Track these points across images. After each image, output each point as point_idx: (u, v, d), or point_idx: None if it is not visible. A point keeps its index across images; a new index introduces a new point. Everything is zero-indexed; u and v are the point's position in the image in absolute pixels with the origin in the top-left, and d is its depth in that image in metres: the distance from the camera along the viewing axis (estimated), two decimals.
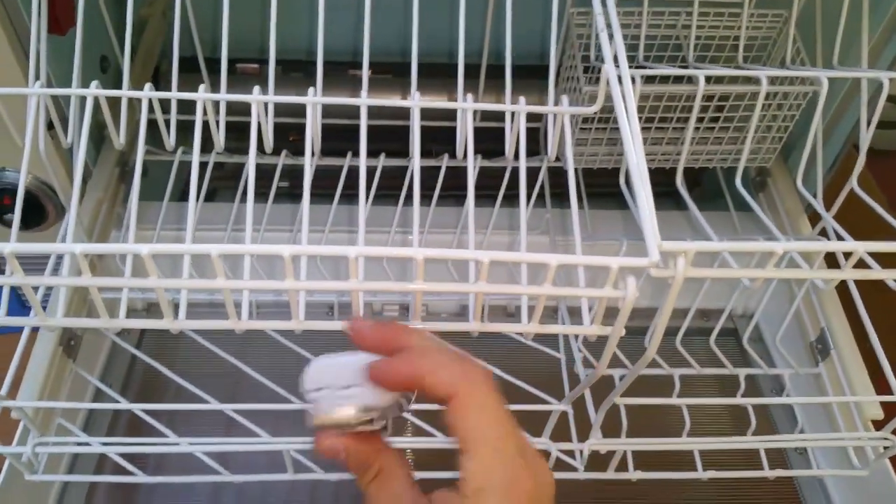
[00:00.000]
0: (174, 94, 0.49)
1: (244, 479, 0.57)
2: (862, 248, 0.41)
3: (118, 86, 0.72)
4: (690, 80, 0.66)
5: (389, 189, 0.73)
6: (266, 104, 0.50)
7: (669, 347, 0.72)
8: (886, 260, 0.43)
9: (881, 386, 0.59)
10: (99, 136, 0.73)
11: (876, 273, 0.42)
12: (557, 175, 0.76)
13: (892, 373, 0.56)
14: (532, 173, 0.75)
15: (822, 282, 0.43)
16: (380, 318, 0.81)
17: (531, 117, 0.53)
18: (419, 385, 0.35)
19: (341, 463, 0.37)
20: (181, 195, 0.84)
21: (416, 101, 0.49)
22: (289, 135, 0.89)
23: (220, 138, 0.52)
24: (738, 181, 0.57)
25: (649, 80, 0.67)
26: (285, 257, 0.36)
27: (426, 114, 0.50)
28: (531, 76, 0.75)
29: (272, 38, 0.52)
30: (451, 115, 0.51)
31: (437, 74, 0.75)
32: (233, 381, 0.73)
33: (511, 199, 0.74)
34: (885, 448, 0.58)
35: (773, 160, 0.75)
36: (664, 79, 0.66)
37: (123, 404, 0.56)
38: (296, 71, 0.83)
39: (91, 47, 0.69)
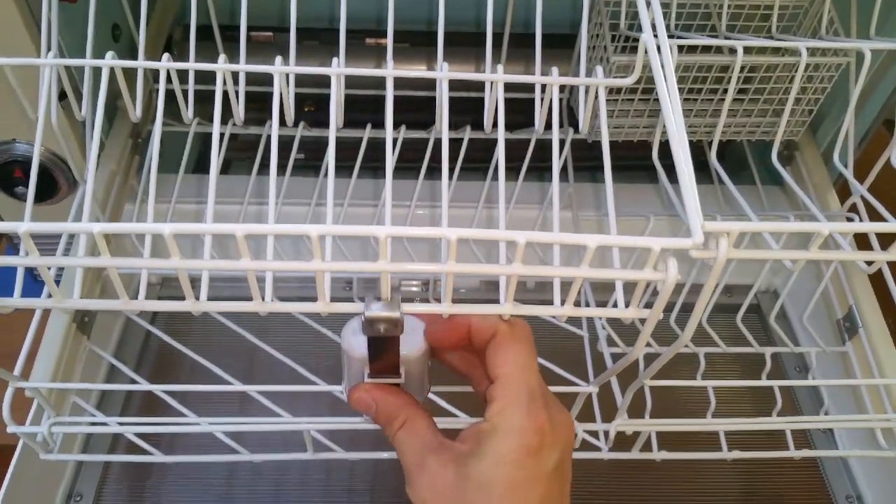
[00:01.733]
0: (192, 65, 0.47)
1: (263, 458, 0.56)
2: None
3: (131, 54, 0.70)
4: (721, 49, 0.64)
5: (409, 161, 0.72)
6: (287, 75, 0.48)
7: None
8: None
9: None
10: (112, 106, 0.71)
11: None
12: (579, 148, 0.74)
13: None
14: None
15: (864, 264, 0.41)
16: (398, 293, 0.80)
17: None
18: (467, 328, 0.40)
19: (371, 416, 0.42)
20: (195, 167, 0.82)
21: (444, 73, 0.47)
22: (304, 105, 0.87)
23: (239, 111, 0.50)
24: (773, 156, 0.55)
25: (678, 49, 0.65)
26: (312, 237, 0.35)
27: (449, 84, 0.49)
28: (557, 45, 0.73)
29: (293, 5, 0.50)
30: (474, 84, 0.50)
31: (459, 43, 0.73)
32: (249, 356, 0.72)
33: (531, 171, 0.72)
34: None
35: (802, 133, 0.73)
36: (692, 48, 0.64)
37: (143, 385, 0.55)
38: (311, 39, 0.81)
39: (103, 15, 0.67)
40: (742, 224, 0.37)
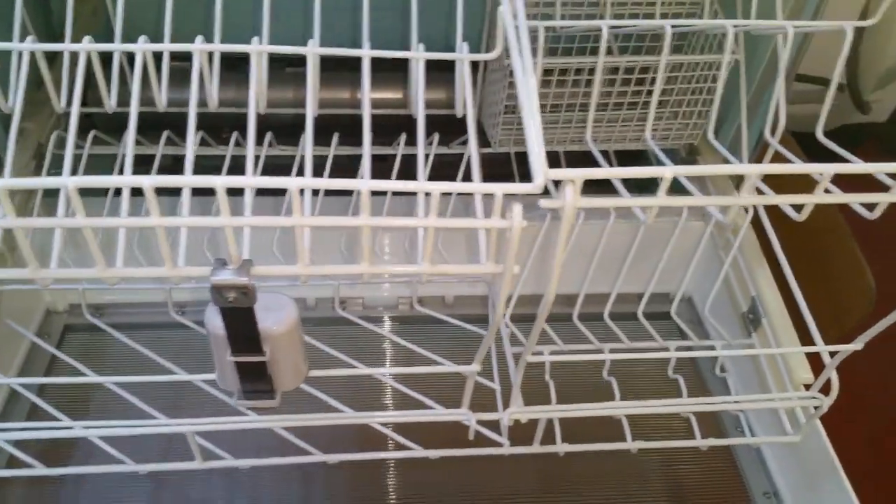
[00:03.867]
0: (117, 46, 0.48)
1: (152, 469, 0.54)
2: (755, 170, 0.40)
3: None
4: (610, 51, 0.67)
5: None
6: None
7: (600, 328, 0.71)
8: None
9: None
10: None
11: (773, 199, 0.41)
12: (493, 164, 0.75)
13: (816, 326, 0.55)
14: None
15: (718, 211, 0.42)
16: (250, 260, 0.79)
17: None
18: None
19: None
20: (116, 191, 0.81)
21: (367, 51, 0.49)
22: (222, 132, 0.87)
23: (162, 95, 0.52)
24: (647, 135, 0.57)
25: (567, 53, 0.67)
26: (292, 190, 0.35)
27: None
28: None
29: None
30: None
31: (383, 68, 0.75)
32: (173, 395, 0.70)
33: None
34: (815, 408, 0.57)
35: (702, 141, 0.75)
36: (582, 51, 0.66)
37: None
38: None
39: None
40: (586, 171, 0.38)
